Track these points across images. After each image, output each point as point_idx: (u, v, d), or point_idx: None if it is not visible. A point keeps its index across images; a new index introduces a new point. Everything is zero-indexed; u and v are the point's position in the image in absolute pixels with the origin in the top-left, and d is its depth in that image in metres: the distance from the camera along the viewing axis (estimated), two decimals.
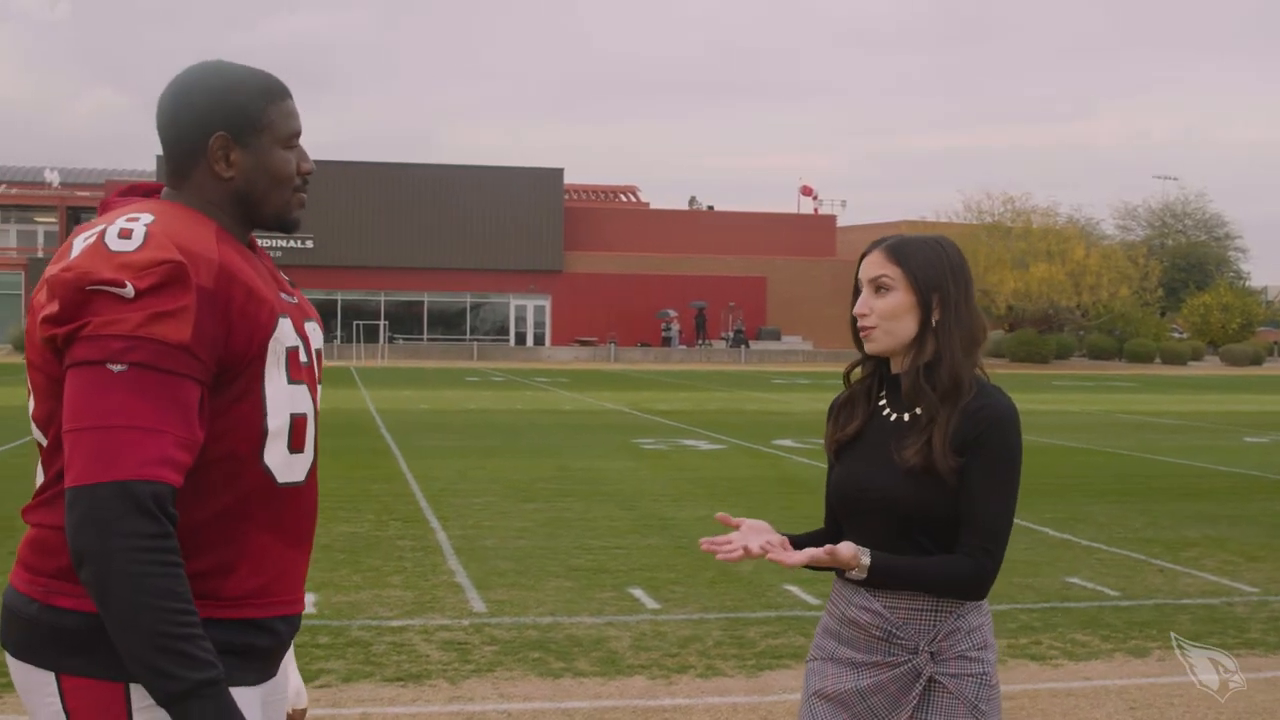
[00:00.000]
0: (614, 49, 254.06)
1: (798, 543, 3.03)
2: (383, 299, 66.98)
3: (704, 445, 19.30)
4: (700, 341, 64.57)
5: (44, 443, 2.34)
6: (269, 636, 2.41)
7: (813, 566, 2.88)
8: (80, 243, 2.29)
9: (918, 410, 2.92)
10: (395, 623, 7.74)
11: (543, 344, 66.99)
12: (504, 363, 58.66)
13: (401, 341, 65.20)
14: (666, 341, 64.63)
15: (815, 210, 74.51)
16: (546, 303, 67.70)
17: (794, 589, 8.78)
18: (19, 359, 51.30)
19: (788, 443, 19.77)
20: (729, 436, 20.68)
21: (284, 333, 2.39)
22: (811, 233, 71.03)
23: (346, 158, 70.86)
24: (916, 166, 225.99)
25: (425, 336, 67.30)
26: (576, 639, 7.43)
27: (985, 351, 3.09)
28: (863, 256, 3.01)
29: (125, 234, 2.26)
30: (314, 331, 2.58)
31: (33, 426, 2.37)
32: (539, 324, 68.18)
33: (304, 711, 2.80)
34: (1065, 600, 8.72)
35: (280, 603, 2.43)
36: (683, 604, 8.34)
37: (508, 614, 8.02)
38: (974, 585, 2.88)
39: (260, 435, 2.36)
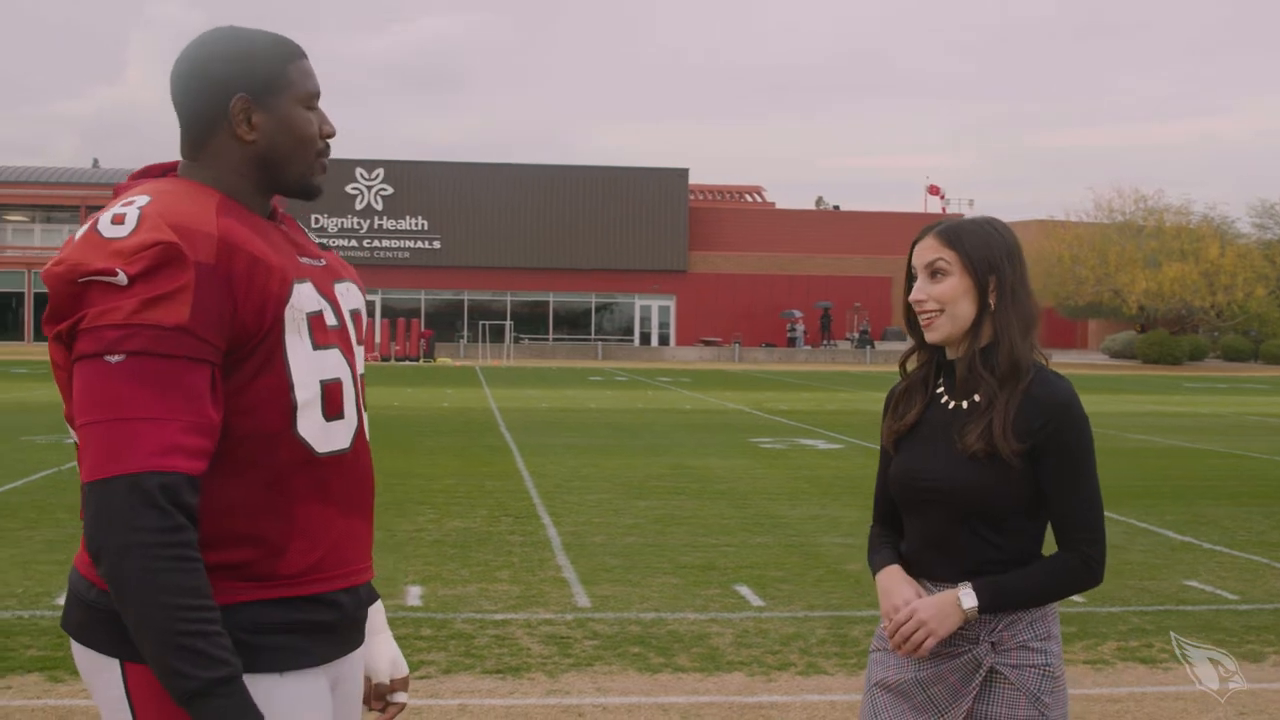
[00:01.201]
0: (742, 49, 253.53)
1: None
2: (509, 299, 67.56)
3: (821, 445, 19.19)
4: (825, 342, 64.29)
5: (75, 440, 2.30)
6: (333, 611, 2.36)
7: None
8: (81, 231, 2.24)
9: (976, 396, 2.87)
10: (499, 616, 7.78)
11: (667, 344, 67.14)
12: (628, 362, 58.84)
13: (527, 341, 65.73)
14: (791, 342, 64.44)
15: (942, 209, 73.73)
16: (671, 303, 67.85)
17: None
18: None
19: None
20: (847, 436, 20.54)
21: (302, 298, 2.31)
22: None
23: (474, 159, 71.61)
24: (1046, 164, 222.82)
25: (551, 336, 67.81)
26: (678, 635, 7.41)
27: (1112, 350, 3.03)
28: (915, 243, 2.97)
29: (118, 220, 2.20)
30: (347, 292, 2.50)
31: (68, 426, 2.33)
32: (663, 324, 68.34)
33: (406, 679, 2.71)
34: (1181, 604, 8.52)
35: (341, 575, 2.38)
36: (788, 602, 8.28)
37: (611, 609, 8.03)
38: (1090, 578, 2.85)
39: (289, 407, 2.29)
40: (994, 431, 2.79)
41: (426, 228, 66.16)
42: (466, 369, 49.21)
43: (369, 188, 65.83)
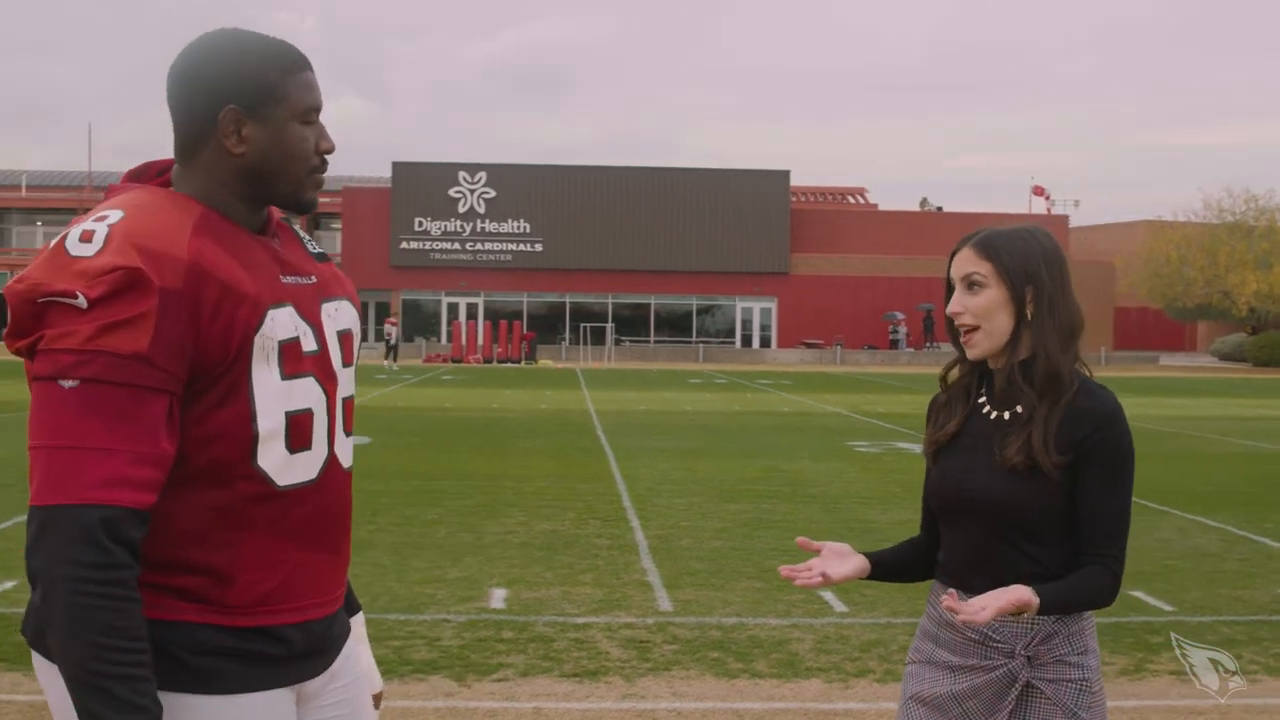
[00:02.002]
0: (847, 49, 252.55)
1: (879, 559, 3.00)
2: (610, 301, 67.72)
3: (917, 449, 19.01)
4: (928, 344, 63.72)
5: None
6: (278, 645, 2.30)
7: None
8: (51, 244, 2.19)
9: (1018, 408, 2.83)
10: (580, 620, 7.81)
11: (768, 346, 66.94)
12: (729, 365, 58.74)
13: (628, 343, 65.81)
14: (894, 344, 63.99)
15: (1047, 210, 72.88)
16: (773, 305, 67.66)
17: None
18: None
19: None
20: None
21: (275, 326, 2.25)
22: None
23: (578, 161, 71.91)
24: (1154, 164, 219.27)
25: (652, 339, 67.86)
26: (758, 640, 7.39)
27: (1221, 353, 2.98)
28: (953, 253, 2.94)
29: (86, 237, 2.14)
30: (337, 311, 2.44)
31: None
32: (765, 326, 68.17)
33: (378, 695, 2.70)
34: (1275, 614, 8.35)
35: (291, 609, 2.32)
36: (871, 608, 8.22)
37: (693, 614, 8.02)
38: (1111, 594, 2.80)
39: (249, 439, 2.23)
40: (1034, 444, 2.76)
41: (529, 230, 66.49)
42: (567, 371, 49.41)
43: (472, 191, 66.29)
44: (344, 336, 2.45)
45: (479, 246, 66.51)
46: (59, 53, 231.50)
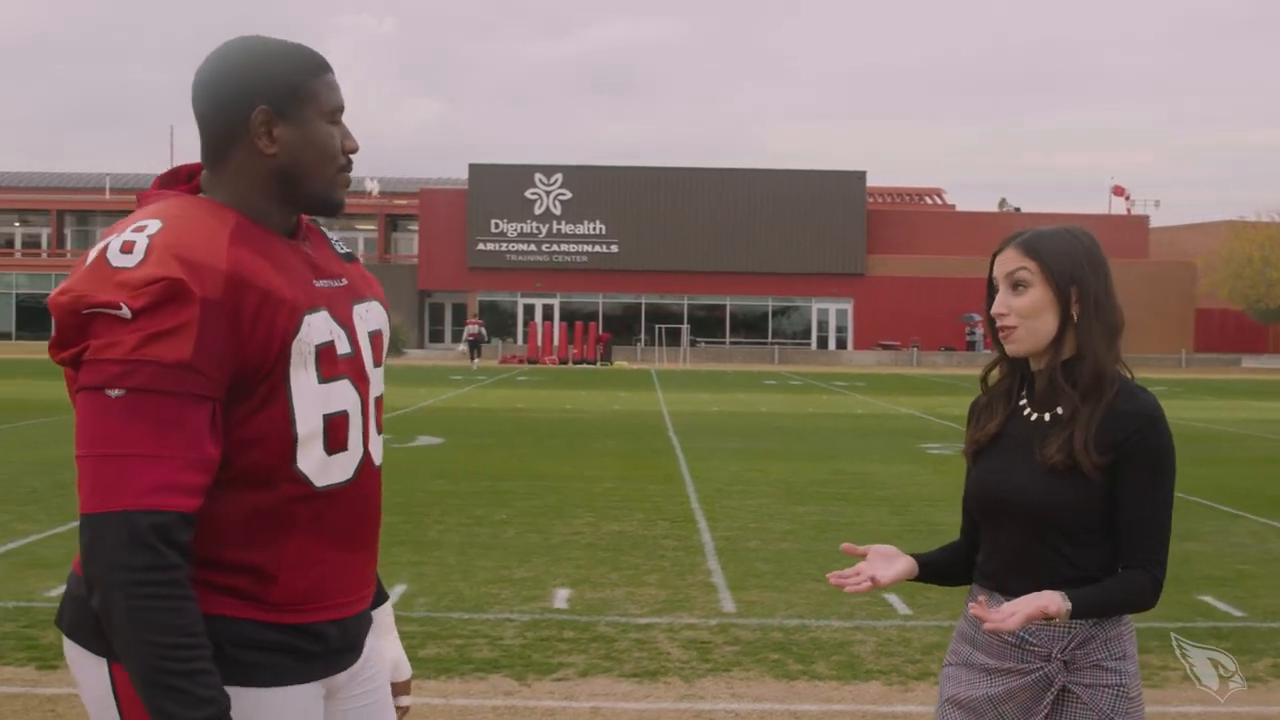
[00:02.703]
0: (922, 47, 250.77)
1: (927, 560, 2.99)
2: (685, 302, 67.72)
3: None
4: None
5: None
6: (316, 641, 2.37)
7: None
8: (92, 255, 2.23)
9: (1059, 409, 2.83)
10: (643, 620, 7.84)
11: (844, 348, 66.66)
12: (804, 366, 58.58)
13: (703, 345, 65.79)
14: (971, 346, 63.50)
15: (1127, 210, 72.11)
16: (848, 306, 67.39)
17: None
18: None
19: None
20: None
21: (312, 330, 2.30)
22: (1122, 234, 68.67)
23: (653, 162, 71.99)
24: (1237, 163, 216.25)
25: (727, 340, 67.78)
26: (820, 642, 7.38)
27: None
28: (996, 254, 2.93)
29: (127, 248, 2.19)
30: (367, 312, 2.49)
31: None
32: (841, 328, 67.90)
33: (407, 683, 2.76)
34: None
35: (329, 607, 2.39)
36: (935, 610, 8.19)
37: (756, 615, 8.03)
38: (1152, 598, 2.79)
39: (289, 442, 2.29)
40: (1075, 444, 2.75)
41: (605, 232, 66.62)
42: (642, 372, 49.47)
43: (548, 192, 66.50)
44: (374, 337, 2.50)
45: (555, 248, 66.71)
46: (141, 56, 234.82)
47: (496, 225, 66.50)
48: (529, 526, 11.26)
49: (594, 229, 66.63)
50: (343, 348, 2.37)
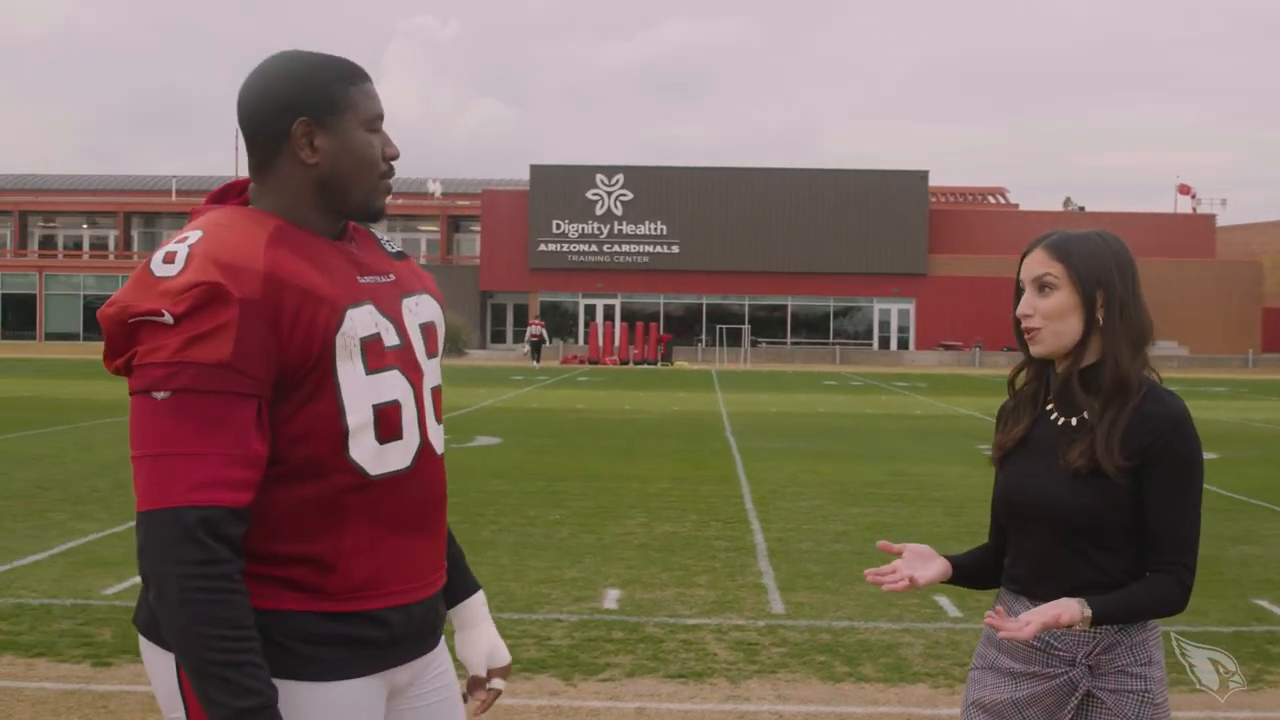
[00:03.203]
0: (985, 45, 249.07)
1: (959, 563, 2.99)
2: (747, 303, 67.67)
3: None
4: None
5: None
6: (380, 628, 2.42)
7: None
8: (137, 270, 2.33)
9: (1085, 414, 2.82)
10: (691, 621, 7.86)
11: (906, 348, 66.39)
12: (866, 367, 58.40)
13: (765, 345, 65.70)
14: None
15: (1193, 209, 71.35)
16: (911, 306, 67.10)
17: None
18: None
19: None
20: None
21: (356, 324, 2.36)
22: (1188, 233, 68.03)
23: (714, 163, 71.95)
24: None
25: (789, 340, 67.66)
26: (868, 644, 7.37)
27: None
28: (1024, 255, 2.93)
29: (170, 258, 2.28)
30: (417, 305, 2.55)
31: None
32: (903, 328, 67.63)
33: (505, 668, 2.80)
34: None
35: (392, 593, 2.44)
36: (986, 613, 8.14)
37: (805, 617, 8.02)
38: (1180, 602, 2.78)
39: (340, 434, 2.35)
40: (1098, 448, 2.75)
41: (666, 232, 66.66)
42: (703, 373, 49.49)
43: (609, 193, 66.63)
44: (427, 329, 2.57)
45: (616, 248, 66.83)
46: (207, 60, 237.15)
47: (558, 226, 66.69)
48: (582, 527, 11.31)
49: (655, 229, 66.68)
50: (390, 340, 2.43)
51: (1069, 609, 2.67)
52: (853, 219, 65.81)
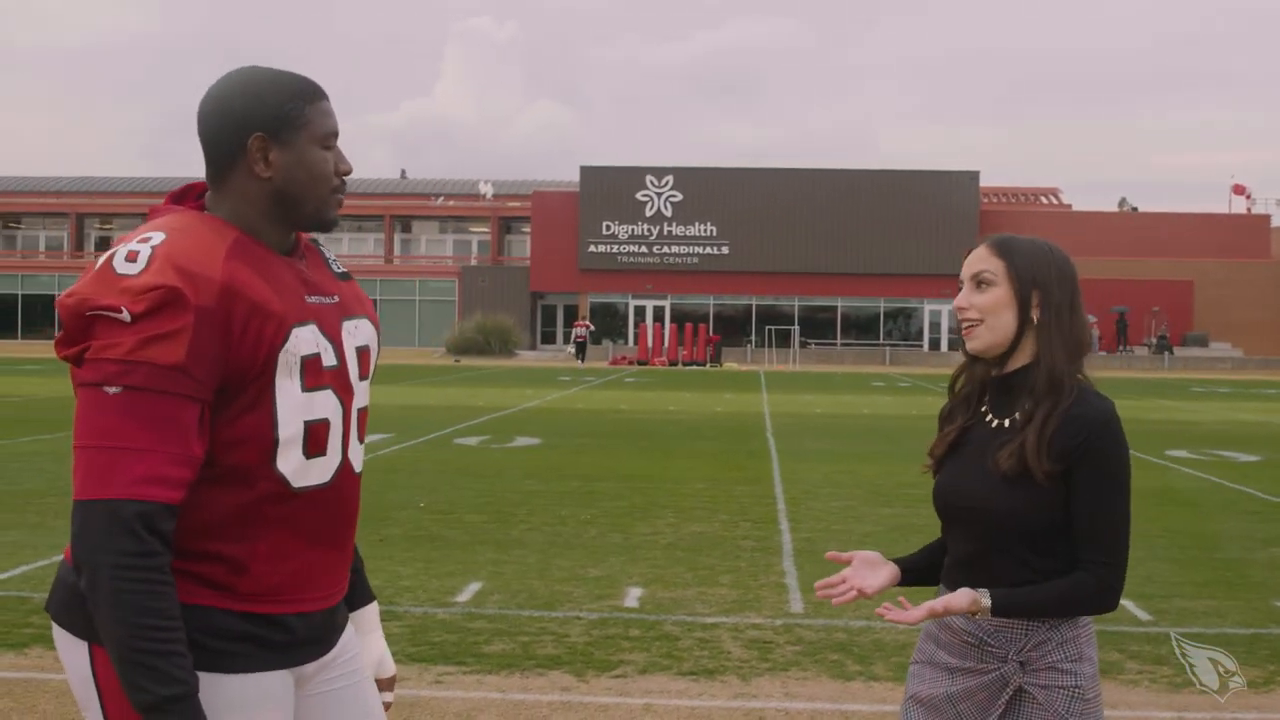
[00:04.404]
0: (1038, 44, 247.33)
1: (909, 565, 3.05)
2: (796, 304, 67.55)
3: None
4: (1121, 347, 62.34)
5: None
6: (283, 632, 2.52)
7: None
8: (100, 262, 2.40)
9: (1016, 415, 2.88)
10: (709, 620, 7.92)
11: (957, 350, 65.98)
12: (916, 368, 58.20)
13: (814, 346, 65.57)
14: None
15: (1248, 210, 70.67)
16: None
17: (1128, 603, 8.48)
18: (434, 361, 54.28)
19: (1181, 453, 18.93)
20: None
21: (299, 343, 2.46)
22: (1243, 234, 67.37)
23: (764, 164, 71.87)
24: None
25: (839, 342, 67.48)
26: (882, 644, 7.42)
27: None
28: (968, 252, 2.99)
29: (132, 257, 2.36)
30: (356, 329, 2.64)
31: None
32: (954, 329, 67.25)
33: (391, 679, 2.92)
34: None
35: (296, 600, 2.54)
36: None
37: (823, 616, 8.07)
38: (1103, 599, 2.82)
39: (270, 444, 2.44)
40: (1027, 450, 2.80)
41: (715, 233, 66.66)
42: (751, 374, 49.47)
43: (658, 194, 66.69)
44: (362, 352, 2.67)
45: (666, 249, 66.89)
46: (260, 64, 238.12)
47: (608, 227, 66.81)
48: (612, 526, 11.39)
49: (705, 230, 66.69)
50: (328, 360, 2.54)
51: (961, 598, 2.74)
52: (903, 220, 65.58)
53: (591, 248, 67.01)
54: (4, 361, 48.14)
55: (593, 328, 61.44)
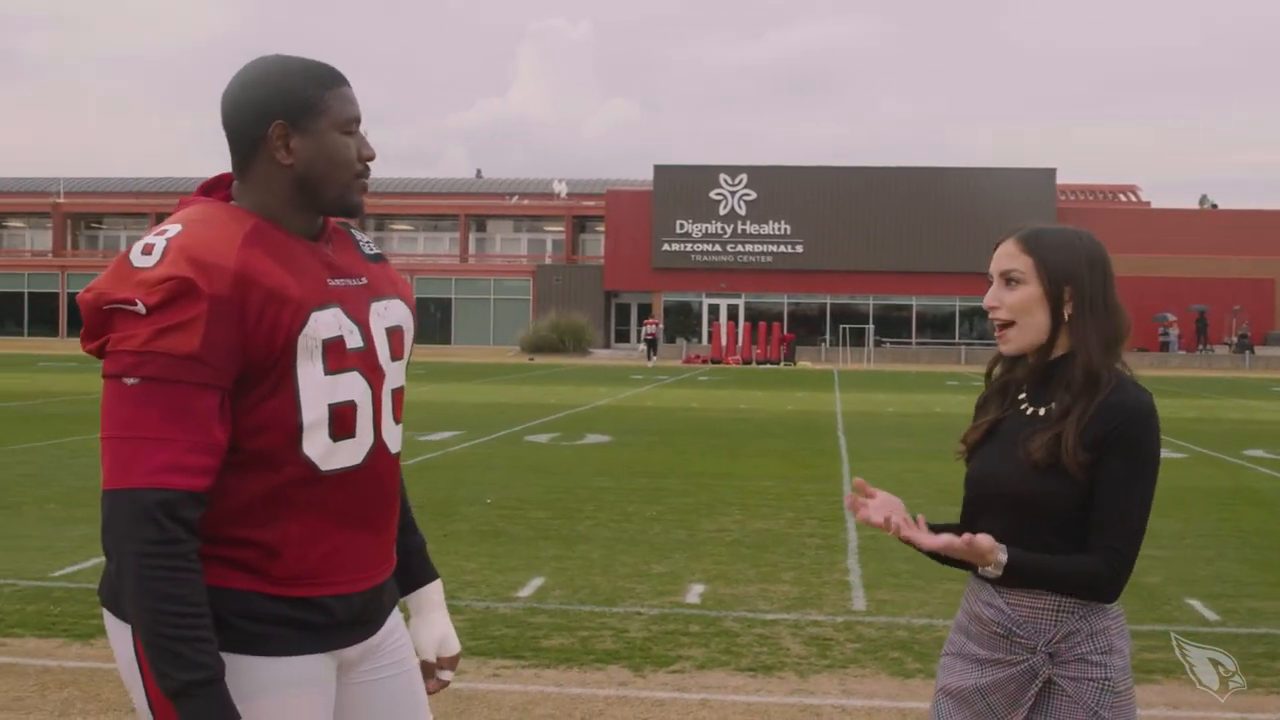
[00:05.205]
0: (1118, 38, 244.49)
1: (933, 530, 3.02)
2: (871, 302, 67.23)
3: (1165, 454, 18.37)
4: (1201, 347, 61.54)
5: None
6: (320, 614, 2.54)
7: (948, 558, 2.87)
8: (116, 259, 2.44)
9: (1053, 405, 2.86)
10: (770, 616, 7.92)
11: None
12: None
13: (889, 345, 65.22)
14: (1164, 346, 61.93)
15: None
16: None
17: (1195, 602, 8.39)
18: (508, 360, 54.48)
19: (1258, 453, 18.66)
20: (1195, 445, 19.71)
21: (319, 326, 2.47)
22: None
23: (839, 162, 71.59)
24: None
25: (914, 340, 67.10)
26: (943, 641, 7.35)
27: None
28: (995, 247, 2.97)
29: (148, 250, 2.40)
30: (386, 310, 2.65)
31: None
32: None
33: (454, 658, 2.93)
34: None
35: (333, 583, 2.56)
36: None
37: (885, 614, 8.04)
38: (1104, 586, 2.79)
39: (295, 428, 2.46)
40: (1063, 444, 2.77)
41: (789, 232, 66.48)
42: (825, 372, 49.30)
43: (732, 193, 66.59)
44: (393, 333, 2.67)
45: (739, 248, 66.79)
46: (337, 63, 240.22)
47: (681, 226, 66.79)
48: (677, 523, 11.41)
49: (779, 229, 66.53)
50: (353, 342, 2.55)
51: (984, 540, 2.74)
52: (979, 217, 65.03)
53: (665, 246, 67.01)
54: (82, 359, 48.86)
55: (662, 326, 61.45)
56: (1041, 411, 2.89)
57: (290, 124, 2.54)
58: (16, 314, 73.62)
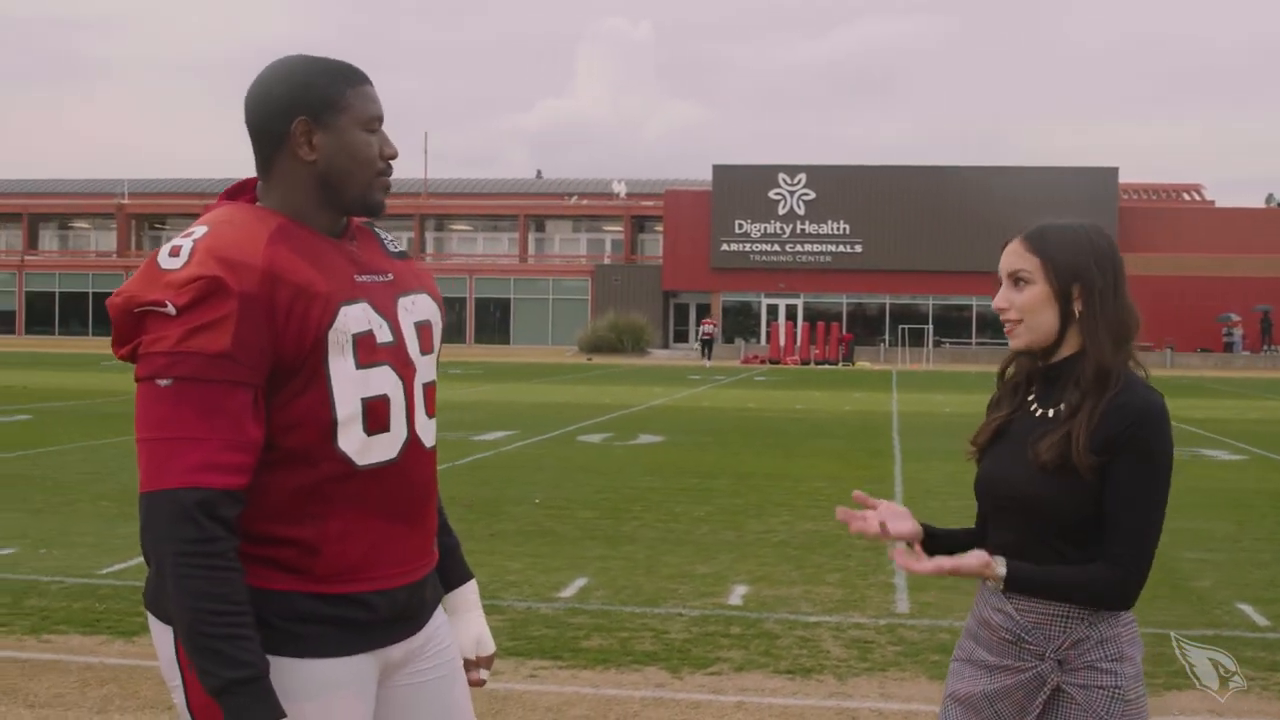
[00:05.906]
0: (1182, 36, 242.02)
1: (936, 538, 2.99)
2: (930, 302, 66.86)
3: (1224, 455, 18.24)
4: (1265, 347, 60.79)
5: None
6: (364, 610, 2.53)
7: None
8: (145, 262, 2.47)
9: (1062, 405, 2.81)
10: (812, 618, 7.87)
11: None
12: None
13: (948, 345, 64.84)
14: (1228, 347, 61.21)
15: None
16: None
17: (1245, 607, 8.27)
18: (566, 360, 54.55)
19: None
20: (1256, 447, 19.44)
21: (349, 321, 2.48)
22: None
23: (900, 161, 71.24)
24: None
25: (973, 340, 66.65)
26: None
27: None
28: (1004, 246, 2.93)
29: (175, 252, 2.42)
30: (413, 305, 2.66)
31: None
32: None
33: (490, 658, 2.92)
34: None
35: (375, 578, 2.55)
36: None
37: (928, 616, 7.98)
38: (1116, 595, 2.74)
39: (329, 424, 2.47)
40: (1071, 444, 2.73)
41: (848, 231, 66.22)
42: (883, 373, 49.08)
43: (791, 192, 66.41)
44: (422, 327, 2.68)
45: (798, 248, 66.59)
46: (397, 64, 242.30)
47: (740, 226, 66.69)
48: (725, 524, 11.37)
49: (838, 229, 66.28)
50: (383, 337, 2.55)
51: (972, 559, 2.71)
52: (1039, 217, 63.95)
53: (724, 246, 66.92)
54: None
55: (720, 326, 61.36)
56: (1050, 413, 2.85)
57: (313, 120, 2.55)
58: (81, 314, 74.43)
